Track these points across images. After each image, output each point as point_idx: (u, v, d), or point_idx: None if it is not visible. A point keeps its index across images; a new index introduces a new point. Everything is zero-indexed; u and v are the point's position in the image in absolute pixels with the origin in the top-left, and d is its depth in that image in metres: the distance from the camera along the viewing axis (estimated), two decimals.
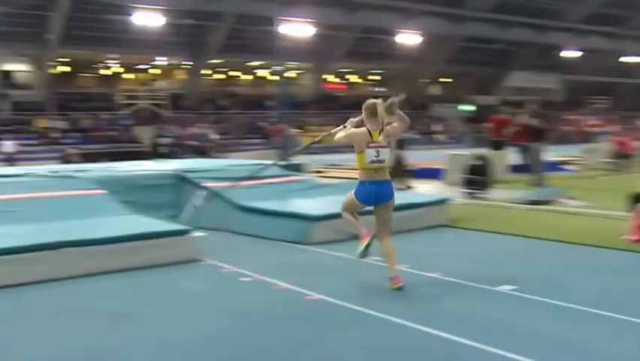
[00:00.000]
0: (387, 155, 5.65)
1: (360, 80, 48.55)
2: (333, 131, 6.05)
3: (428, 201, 9.38)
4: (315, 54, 40.03)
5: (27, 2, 29.89)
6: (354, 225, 6.00)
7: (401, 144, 14.33)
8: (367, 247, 5.87)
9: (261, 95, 40.15)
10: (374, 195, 5.67)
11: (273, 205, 8.72)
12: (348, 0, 37.36)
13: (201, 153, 25.49)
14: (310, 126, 36.87)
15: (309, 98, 42.53)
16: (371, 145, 5.58)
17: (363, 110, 5.68)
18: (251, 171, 10.47)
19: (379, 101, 5.69)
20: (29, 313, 5.29)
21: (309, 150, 12.89)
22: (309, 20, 35.74)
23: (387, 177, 5.73)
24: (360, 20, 38.94)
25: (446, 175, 15.43)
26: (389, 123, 5.68)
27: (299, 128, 31.54)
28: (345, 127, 5.88)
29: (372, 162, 5.60)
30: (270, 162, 7.40)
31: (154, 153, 21.87)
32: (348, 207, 5.97)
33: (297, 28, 34.56)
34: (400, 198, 9.60)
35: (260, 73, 43.68)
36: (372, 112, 5.62)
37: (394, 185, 6.01)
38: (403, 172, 14.35)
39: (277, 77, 39.84)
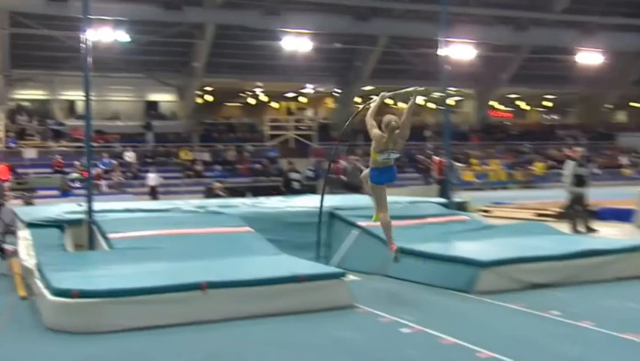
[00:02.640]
0: (395, 155, 7.79)
1: (529, 107, 47.29)
2: (371, 106, 8.09)
3: (618, 248, 8.85)
4: (478, 78, 39.56)
5: (172, 30, 32.04)
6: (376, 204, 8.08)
7: (581, 181, 13.72)
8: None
9: (418, 125, 40.15)
10: (383, 177, 7.88)
11: (435, 248, 8.63)
12: (517, 17, 36.72)
13: (352, 188, 25.87)
14: (474, 159, 36.36)
15: (471, 127, 42.01)
16: (384, 150, 7.66)
17: (383, 125, 7.63)
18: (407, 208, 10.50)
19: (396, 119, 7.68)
20: (172, 357, 5.55)
21: (472, 187, 12.70)
22: (471, 41, 35.43)
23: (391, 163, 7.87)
24: (530, 39, 38.04)
25: (637, 217, 14.56)
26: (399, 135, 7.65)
27: (461, 162, 31.14)
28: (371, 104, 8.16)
29: (383, 159, 7.73)
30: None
31: (286, 188, 22.46)
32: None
33: (459, 50, 34.34)
34: (582, 243, 9.24)
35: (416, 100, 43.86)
36: (391, 129, 7.57)
37: (572, 228, 6.02)
38: (583, 213, 13.71)
39: (436, 105, 39.91)
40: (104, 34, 29.22)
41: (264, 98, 41.37)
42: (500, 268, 7.70)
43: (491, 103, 44.23)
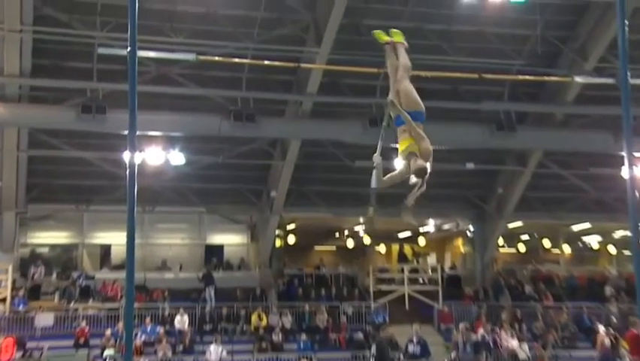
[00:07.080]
0: None
1: None
2: None
3: None
4: None
5: (242, 149, 31.99)
6: None
7: None
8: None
9: (593, 278, 38.97)
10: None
11: None
12: None
13: None
14: None
15: None
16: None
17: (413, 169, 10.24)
18: None
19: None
20: None
21: None
22: None
23: None
24: None
25: None
26: None
27: None
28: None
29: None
30: None
31: None
32: None
33: None
34: None
35: (588, 241, 42.98)
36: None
37: None
38: None
39: (619, 249, 38.72)
40: (151, 156, 29.22)
41: (367, 239, 41.28)
42: None
43: None
